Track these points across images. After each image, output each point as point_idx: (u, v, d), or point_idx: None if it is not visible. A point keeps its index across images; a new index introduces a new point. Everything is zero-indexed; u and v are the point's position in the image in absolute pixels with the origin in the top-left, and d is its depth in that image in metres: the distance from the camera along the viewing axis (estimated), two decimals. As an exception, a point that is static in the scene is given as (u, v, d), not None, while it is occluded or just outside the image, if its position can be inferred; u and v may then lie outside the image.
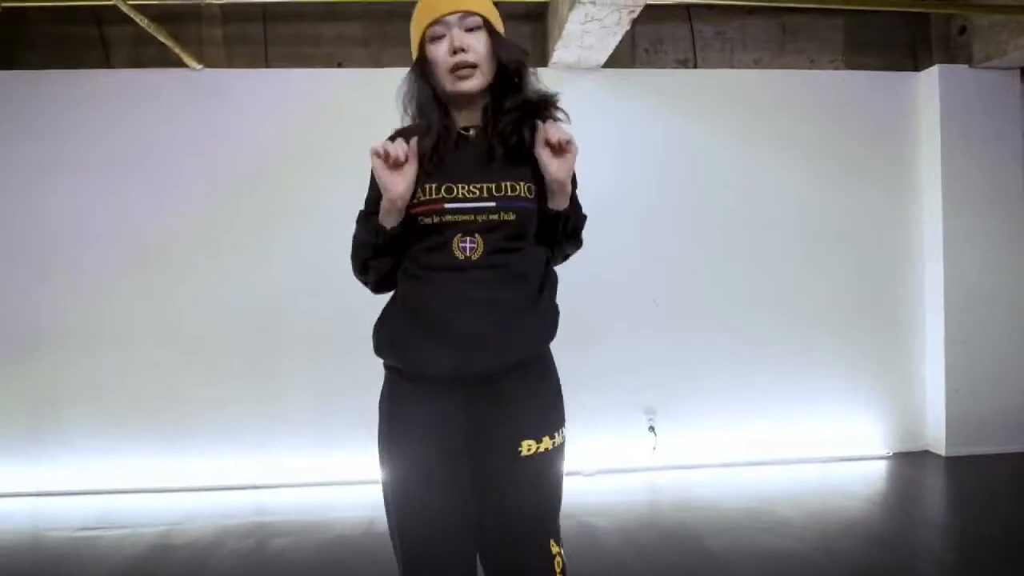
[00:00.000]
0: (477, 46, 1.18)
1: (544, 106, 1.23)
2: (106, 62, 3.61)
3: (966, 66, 3.72)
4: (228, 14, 3.62)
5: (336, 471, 3.35)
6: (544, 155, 1.18)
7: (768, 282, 3.72)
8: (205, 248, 3.48)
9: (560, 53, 3.34)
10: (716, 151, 3.70)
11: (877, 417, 3.76)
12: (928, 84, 3.76)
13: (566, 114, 1.26)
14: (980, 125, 3.71)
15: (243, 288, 3.47)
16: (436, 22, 1.19)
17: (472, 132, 1.25)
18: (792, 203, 3.74)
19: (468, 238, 1.16)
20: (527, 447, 1.19)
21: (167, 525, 2.88)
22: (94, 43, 3.61)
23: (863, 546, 2.54)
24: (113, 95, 3.49)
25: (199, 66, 3.49)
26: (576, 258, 3.05)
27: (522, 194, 1.19)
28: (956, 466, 3.54)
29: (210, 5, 3.46)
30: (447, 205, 1.16)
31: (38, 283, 3.42)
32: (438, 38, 1.20)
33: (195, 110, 3.52)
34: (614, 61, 3.53)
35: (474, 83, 1.19)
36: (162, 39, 3.20)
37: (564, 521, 1.30)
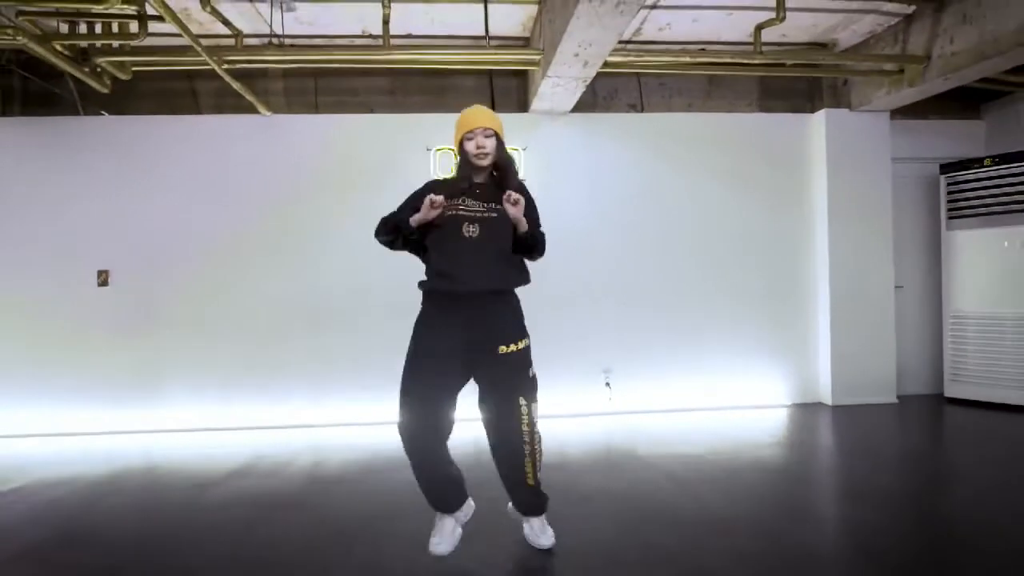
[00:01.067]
0: (488, 144, 2.26)
1: (517, 187, 2.29)
2: (196, 109, 4.76)
3: (847, 110, 4.88)
4: (287, 72, 4.77)
5: (374, 413, 4.49)
6: (507, 207, 2.24)
7: (701, 273, 4.86)
8: (270, 252, 4.62)
9: (537, 103, 4.50)
10: (661, 176, 4.85)
11: (781, 376, 4.92)
12: (818, 123, 4.92)
13: (526, 189, 2.38)
14: (858, 155, 4.87)
15: (296, 283, 4.60)
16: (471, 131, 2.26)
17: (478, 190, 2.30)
18: (720, 214, 4.89)
19: (471, 224, 2.17)
20: (502, 349, 2.28)
21: (251, 456, 4.01)
22: (187, 94, 4.77)
23: (764, 472, 3.42)
24: (202, 134, 4.64)
25: (267, 113, 4.64)
26: (556, 255, 4.60)
27: (499, 210, 2.22)
28: (840, 413, 4.68)
29: (275, 67, 4.61)
30: (460, 210, 2.20)
31: (148, 279, 4.55)
32: (470, 139, 2.27)
33: (263, 146, 4.66)
34: (579, 107, 4.66)
35: (484, 162, 2.27)
36: (242, 92, 4.34)
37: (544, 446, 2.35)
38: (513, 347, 2.24)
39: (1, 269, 4.49)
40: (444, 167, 4.67)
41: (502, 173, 2.30)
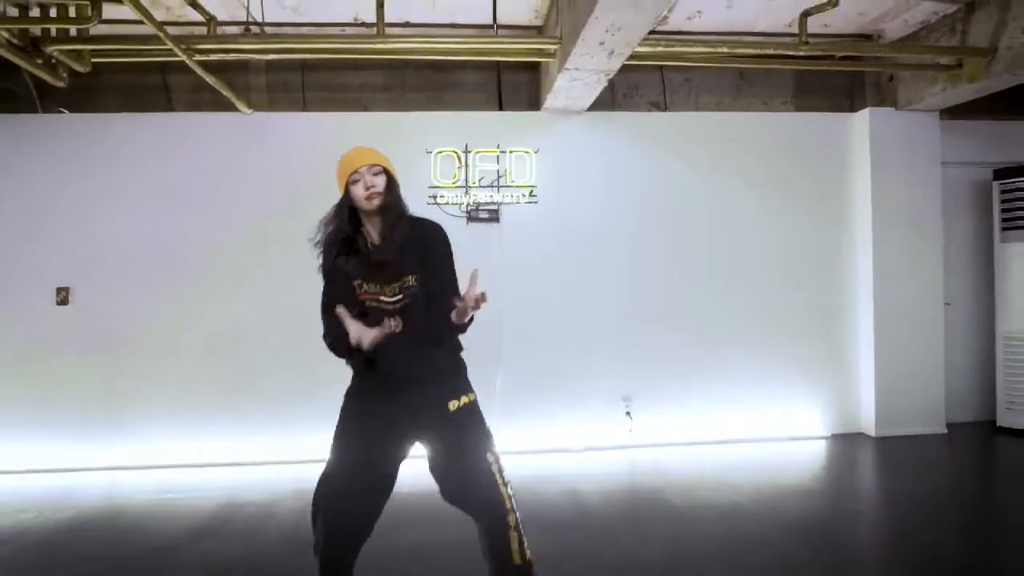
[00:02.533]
0: (379, 182, 1.85)
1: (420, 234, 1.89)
2: (168, 106, 4.27)
3: (893, 108, 4.41)
4: (271, 65, 4.28)
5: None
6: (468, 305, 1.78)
7: (729, 291, 4.38)
8: (253, 262, 4.12)
9: (551, 101, 4.02)
10: (685, 182, 4.37)
11: (818, 404, 4.44)
12: (861, 124, 4.44)
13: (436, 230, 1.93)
14: (905, 158, 4.40)
15: (279, 300, 4.10)
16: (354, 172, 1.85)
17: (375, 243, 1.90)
18: (750, 224, 4.41)
19: (393, 320, 1.84)
20: (452, 404, 1.87)
21: (227, 502, 3.52)
22: (158, 90, 4.27)
23: (803, 506, 3.16)
24: (176, 134, 4.15)
25: (248, 110, 4.14)
26: (570, 271, 3.94)
27: (413, 284, 1.85)
28: (883, 444, 4.21)
29: (256, 58, 4.11)
30: (382, 298, 1.85)
31: (114, 294, 4.06)
32: (354, 182, 1.85)
33: (244, 148, 4.17)
34: (596, 104, 4.17)
35: (377, 202, 1.85)
36: (218, 87, 3.84)
37: (556, 488, 1.94)
38: (463, 400, 1.91)
39: (-54, 286, 3.99)
40: (446, 171, 4.18)
41: (387, 223, 1.88)
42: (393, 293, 1.85)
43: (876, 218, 4.37)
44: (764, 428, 4.35)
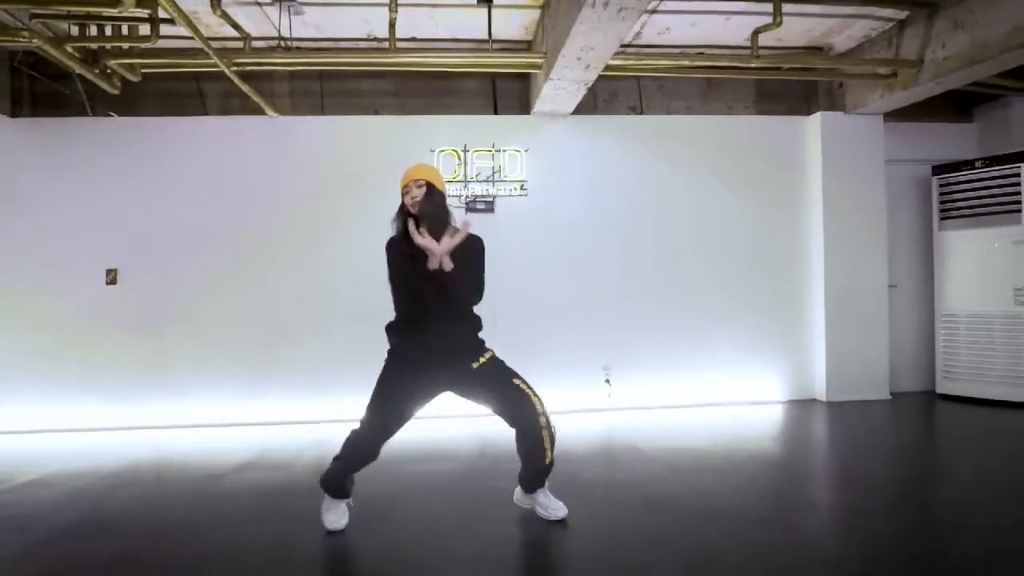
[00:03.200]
0: (419, 194, 2.42)
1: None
2: (203, 110, 4.84)
3: (842, 112, 4.99)
4: (294, 74, 4.86)
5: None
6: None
7: (700, 272, 4.96)
8: (274, 251, 4.68)
9: (539, 106, 4.59)
10: (659, 177, 4.95)
11: (777, 373, 5.02)
12: (814, 126, 5.03)
13: (474, 244, 2.48)
14: (852, 156, 4.98)
15: (300, 282, 4.68)
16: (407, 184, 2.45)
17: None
18: (717, 215, 4.99)
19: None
20: (474, 364, 2.50)
21: (258, 451, 4.09)
22: (194, 95, 4.85)
23: (760, 465, 3.54)
24: (210, 135, 4.72)
25: (274, 114, 4.72)
26: (557, 255, 4.67)
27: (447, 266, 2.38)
28: (834, 409, 4.78)
29: (283, 69, 4.69)
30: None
31: (157, 279, 4.63)
32: (405, 193, 2.45)
33: (270, 147, 4.74)
34: (579, 109, 4.74)
35: (415, 210, 2.43)
36: (250, 94, 4.41)
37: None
38: (482, 359, 2.54)
39: (13, 268, 4.55)
40: (447, 168, 4.76)
41: (427, 223, 2.40)
42: (428, 271, 2.36)
43: (827, 210, 4.95)
44: (729, 394, 4.93)
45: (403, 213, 2.46)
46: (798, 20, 4.34)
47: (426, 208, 2.41)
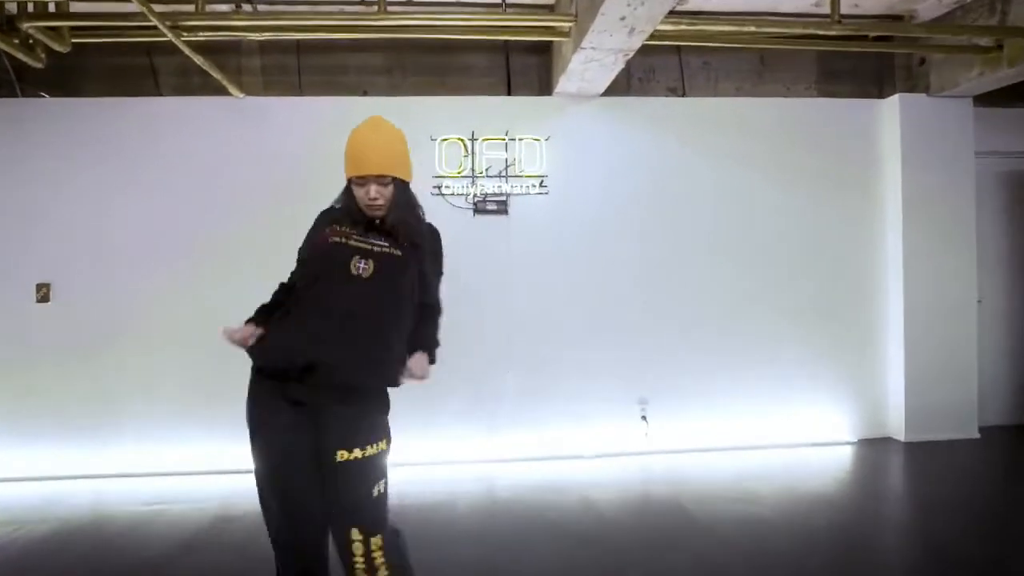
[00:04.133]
0: (385, 193, 1.70)
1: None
2: (156, 90, 4.02)
3: (924, 95, 4.16)
4: (265, 46, 4.03)
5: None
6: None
7: (748, 287, 4.15)
8: (247, 256, 3.87)
9: (563, 84, 3.77)
10: (702, 171, 4.13)
11: (845, 407, 4.21)
12: (890, 110, 4.20)
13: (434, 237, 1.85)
14: (936, 146, 4.15)
15: (268, 287, 3.86)
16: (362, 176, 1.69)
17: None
18: (770, 216, 4.17)
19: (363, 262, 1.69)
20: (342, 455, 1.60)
21: (220, 499, 3.29)
22: (145, 73, 4.02)
23: (829, 516, 2.97)
24: (164, 120, 3.90)
25: (241, 94, 3.89)
26: (583, 268, 3.66)
27: (399, 254, 1.72)
28: (915, 451, 3.99)
29: (249, 37, 3.86)
30: (353, 238, 1.71)
31: (100, 287, 3.82)
32: (359, 185, 1.70)
33: (236, 133, 3.92)
34: (610, 89, 3.93)
35: (379, 213, 1.73)
36: (209, 70, 3.59)
37: (569, 496, 1.72)
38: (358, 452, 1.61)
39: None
40: (451, 160, 3.94)
41: (396, 231, 1.74)
42: (366, 241, 1.69)
43: (907, 211, 4.13)
44: (787, 433, 4.12)
45: (351, 204, 1.75)
46: (884, -22, 3.51)
47: (399, 214, 1.73)
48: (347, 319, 1.60)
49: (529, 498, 3.23)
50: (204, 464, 3.78)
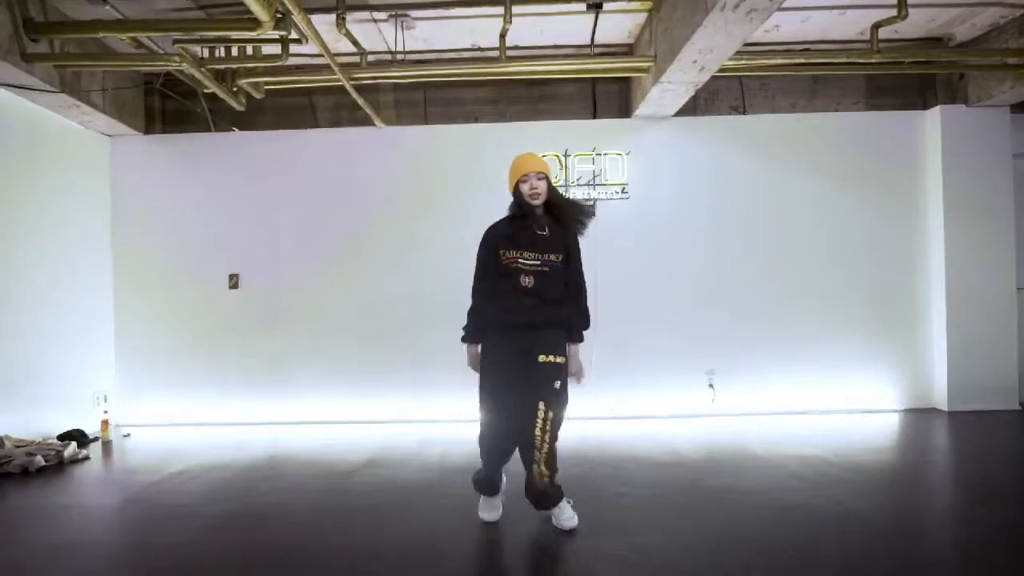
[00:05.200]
0: (541, 186, 2.52)
1: (580, 215, 2.60)
2: (314, 123, 5.09)
3: (963, 105, 4.72)
4: (398, 85, 5.03)
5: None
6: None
7: (809, 274, 4.80)
8: (381, 251, 4.87)
9: (641, 109, 4.58)
10: (763, 177, 4.83)
11: (893, 380, 4.79)
12: (932, 121, 4.78)
13: (592, 215, 2.63)
14: (976, 151, 4.70)
15: (404, 285, 4.82)
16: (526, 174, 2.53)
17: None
18: (825, 218, 4.82)
19: (527, 276, 2.49)
20: (541, 358, 2.48)
21: (374, 449, 4.25)
22: (305, 109, 5.10)
23: (892, 476, 3.37)
24: (322, 147, 4.96)
25: (381, 124, 4.91)
26: (659, 257, 4.64)
27: (556, 260, 2.52)
28: (958, 419, 4.52)
29: (395, 81, 4.83)
30: (520, 261, 2.51)
31: (271, 280, 4.91)
32: (524, 181, 2.53)
33: (376, 156, 4.93)
34: (680, 110, 4.69)
35: (538, 201, 2.54)
36: (364, 106, 4.58)
37: (650, 450, 2.58)
38: (552, 358, 2.49)
39: (146, 273, 4.93)
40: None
41: (559, 210, 2.56)
42: (533, 258, 2.48)
43: (948, 209, 4.69)
44: (841, 401, 4.75)
45: (517, 205, 2.53)
46: (919, 11, 4.13)
47: (555, 196, 2.52)
48: (525, 306, 2.52)
49: (619, 450, 4.03)
50: (349, 416, 4.79)
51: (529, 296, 2.46)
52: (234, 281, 4.92)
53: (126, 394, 4.89)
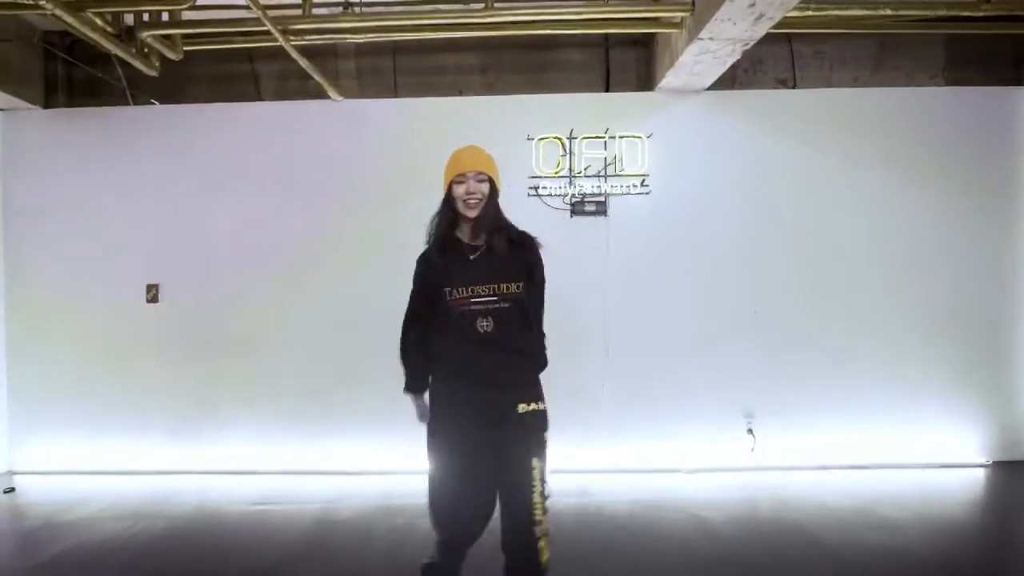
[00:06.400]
0: (482, 189, 1.86)
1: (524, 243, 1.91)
2: (257, 95, 4.09)
3: (1073, 80, 3.75)
4: (361, 49, 4.02)
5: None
6: None
7: (866, 293, 3.85)
8: (342, 254, 3.89)
9: (669, 79, 3.59)
10: (816, 170, 3.86)
11: (977, 425, 3.84)
12: (1033, 98, 3.81)
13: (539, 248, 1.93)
14: (1088, 138, 3.74)
15: (372, 294, 3.81)
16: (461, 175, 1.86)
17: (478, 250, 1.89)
18: (892, 219, 3.86)
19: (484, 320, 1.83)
20: (521, 407, 1.87)
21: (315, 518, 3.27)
22: (246, 78, 4.10)
23: (967, 547, 2.71)
24: (265, 124, 3.97)
25: (339, 97, 3.91)
26: (686, 275, 3.42)
27: (518, 291, 1.85)
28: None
29: (345, 44, 3.86)
30: (473, 301, 1.83)
31: (203, 293, 3.93)
32: (460, 183, 1.86)
33: (334, 136, 3.94)
34: (714, 83, 3.72)
35: (474, 213, 1.85)
36: (312, 73, 3.60)
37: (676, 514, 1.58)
38: (533, 405, 1.91)
39: (41, 281, 3.95)
40: (549, 160, 3.82)
41: (489, 237, 1.90)
42: (486, 293, 1.84)
43: (1051, 209, 3.73)
44: (908, 452, 3.80)
45: (449, 211, 1.91)
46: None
47: (489, 213, 1.87)
48: (484, 358, 1.87)
49: (632, 511, 3.09)
50: (285, 464, 3.84)
51: (489, 346, 1.86)
52: (153, 293, 3.94)
53: (16, 435, 3.92)
